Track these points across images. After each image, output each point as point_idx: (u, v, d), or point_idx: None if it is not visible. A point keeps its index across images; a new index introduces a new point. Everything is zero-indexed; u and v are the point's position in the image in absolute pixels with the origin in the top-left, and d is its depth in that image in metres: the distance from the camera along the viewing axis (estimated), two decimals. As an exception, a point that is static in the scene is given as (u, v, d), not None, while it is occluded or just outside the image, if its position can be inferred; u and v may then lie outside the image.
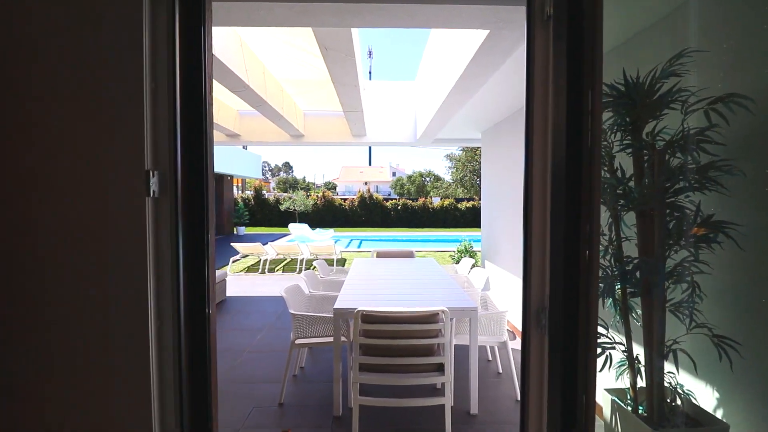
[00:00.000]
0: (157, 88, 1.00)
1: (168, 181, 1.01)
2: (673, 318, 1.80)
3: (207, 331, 1.17)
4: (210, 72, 1.22)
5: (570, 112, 0.96)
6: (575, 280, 0.92)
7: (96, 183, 0.97)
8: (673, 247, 1.77)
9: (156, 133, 1.01)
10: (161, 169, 1.01)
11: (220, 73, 3.74)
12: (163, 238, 1.00)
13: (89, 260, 0.98)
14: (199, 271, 1.14)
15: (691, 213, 1.74)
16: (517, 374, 3.28)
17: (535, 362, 1.00)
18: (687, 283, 1.76)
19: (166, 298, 1.00)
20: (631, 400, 1.95)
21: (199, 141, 1.13)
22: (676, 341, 1.79)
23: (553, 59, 0.99)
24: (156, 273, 0.99)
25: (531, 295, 1.01)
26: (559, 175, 0.95)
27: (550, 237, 0.95)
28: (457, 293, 3.23)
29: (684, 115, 1.73)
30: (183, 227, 1.05)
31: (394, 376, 2.60)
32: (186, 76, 1.07)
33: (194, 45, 1.07)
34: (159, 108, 1.00)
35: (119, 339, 0.98)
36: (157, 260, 0.99)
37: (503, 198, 5.53)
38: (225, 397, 3.16)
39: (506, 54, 2.87)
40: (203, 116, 1.12)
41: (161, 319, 0.99)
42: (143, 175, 0.98)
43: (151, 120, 0.99)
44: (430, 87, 5.44)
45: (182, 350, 1.00)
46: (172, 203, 1.00)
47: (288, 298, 3.26)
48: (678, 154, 1.79)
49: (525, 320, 1.03)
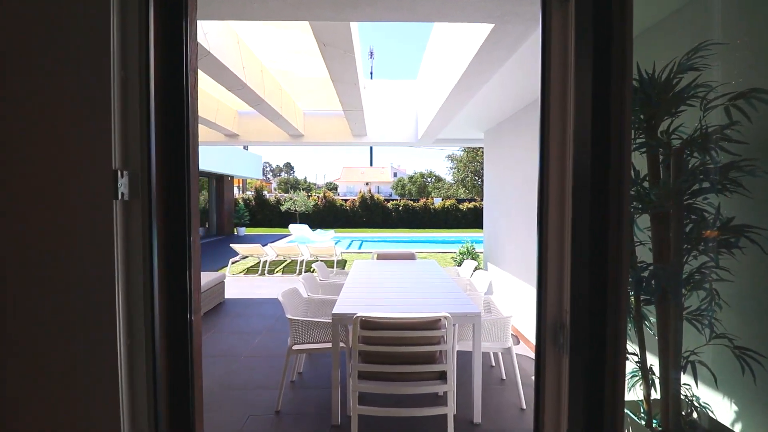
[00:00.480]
0: (127, 78, 0.88)
1: (141, 182, 0.90)
2: (689, 327, 1.70)
3: (189, 339, 1.07)
4: (194, 63, 1.12)
5: (596, 104, 0.86)
6: (602, 295, 0.82)
7: (55, 185, 0.84)
8: (692, 252, 1.66)
9: (126, 129, 0.89)
10: (132, 168, 0.89)
11: (217, 70, 3.65)
12: (135, 244, 0.89)
13: (46, 272, 0.87)
14: (181, 277, 1.04)
15: (710, 216, 1.64)
16: (522, 381, 3.17)
17: (552, 386, 0.89)
18: (705, 290, 1.66)
19: (137, 308, 0.89)
20: (644, 413, 1.84)
21: (180, 138, 1.03)
22: (694, 352, 1.69)
23: (575, 43, 0.88)
24: (126, 283, 0.87)
25: (546, 310, 0.90)
26: (582, 176, 0.85)
27: (572, 247, 0.85)
28: (460, 298, 3.13)
29: (703, 112, 1.62)
30: (160, 232, 0.94)
31: (395, 384, 2.50)
32: (165, 66, 0.96)
33: (174, 32, 0.97)
34: (130, 100, 0.88)
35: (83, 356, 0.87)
36: (127, 269, 0.88)
37: (507, 199, 5.42)
38: (220, 404, 3.07)
39: (511, 50, 2.76)
40: (184, 110, 1.02)
41: (132, 334, 0.89)
42: (110, 176, 0.86)
43: (120, 113, 0.88)
44: (432, 86, 5.34)
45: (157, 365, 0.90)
46: (146, 206, 0.89)
47: (285, 303, 3.17)
48: (695, 153, 1.69)
49: (539, 337, 0.92)
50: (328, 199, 24.31)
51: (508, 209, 5.34)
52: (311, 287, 4.05)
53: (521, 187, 4.83)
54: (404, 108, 7.35)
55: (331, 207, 24.10)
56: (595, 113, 0.85)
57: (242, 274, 8.80)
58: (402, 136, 7.43)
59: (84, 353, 0.86)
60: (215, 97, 6.36)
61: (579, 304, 0.83)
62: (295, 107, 6.81)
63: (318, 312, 3.65)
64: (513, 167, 5.15)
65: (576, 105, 0.88)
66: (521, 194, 4.83)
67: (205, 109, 6.03)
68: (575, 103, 0.88)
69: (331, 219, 23.79)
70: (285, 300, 3.19)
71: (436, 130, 6.20)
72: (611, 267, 0.81)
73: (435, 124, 5.73)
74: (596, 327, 0.81)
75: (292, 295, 3.39)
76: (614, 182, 0.84)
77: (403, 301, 3.15)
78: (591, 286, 0.82)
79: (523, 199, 4.77)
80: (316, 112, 7.58)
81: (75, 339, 0.85)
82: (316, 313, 3.65)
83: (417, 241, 17.29)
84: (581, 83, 0.88)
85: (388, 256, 5.62)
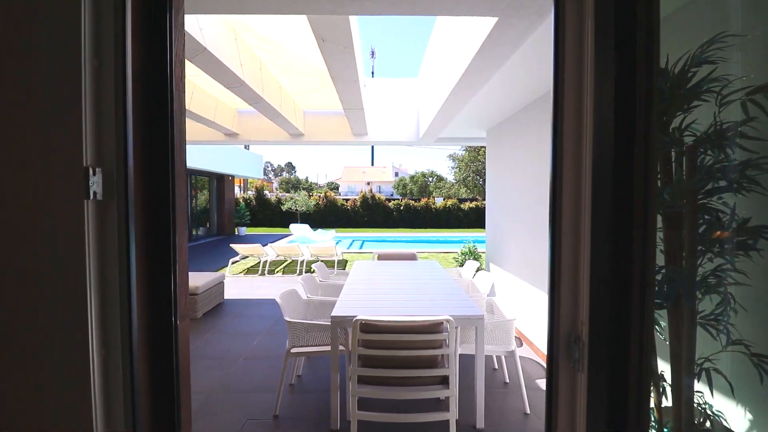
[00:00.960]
0: (101, 67, 0.81)
1: (117, 180, 0.83)
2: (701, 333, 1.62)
3: (175, 348, 1.00)
4: (180, 53, 1.05)
5: (619, 99, 0.78)
6: (626, 307, 0.74)
7: (18, 184, 0.76)
8: (706, 255, 1.59)
9: (100, 122, 0.80)
10: (107, 166, 0.81)
11: (213, 67, 3.58)
12: (110, 248, 0.82)
13: (9, 280, 0.79)
14: (165, 282, 0.97)
15: (725, 217, 1.56)
16: (526, 384, 3.10)
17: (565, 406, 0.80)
18: (720, 294, 1.58)
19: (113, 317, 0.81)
20: (655, 421, 1.77)
21: (163, 133, 0.96)
22: (708, 359, 1.61)
23: (594, 34, 0.80)
24: (100, 290, 0.79)
25: (560, 321, 0.82)
26: (603, 176, 0.77)
27: (591, 253, 0.77)
28: (462, 300, 3.05)
29: (719, 107, 1.54)
30: (140, 234, 0.87)
31: (396, 389, 2.43)
32: (146, 55, 0.89)
33: (156, 19, 0.90)
34: (105, 91, 0.81)
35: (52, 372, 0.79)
36: (101, 276, 0.80)
37: (509, 198, 5.34)
38: (218, 407, 3.00)
39: (514, 45, 2.69)
40: (168, 103, 0.95)
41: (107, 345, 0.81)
42: (80, 174, 0.78)
43: (93, 105, 0.80)
44: (433, 84, 5.26)
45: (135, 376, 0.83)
46: (122, 206, 0.82)
47: (283, 304, 3.10)
48: (710, 151, 1.61)
49: (551, 351, 0.84)
50: (329, 198, 24.26)
51: (511, 209, 5.26)
52: (311, 288, 3.98)
53: (524, 186, 4.75)
54: (405, 106, 7.28)
55: (332, 207, 24.05)
56: (617, 109, 0.77)
57: (242, 274, 8.75)
58: (403, 134, 7.35)
59: (53, 368, 0.78)
60: (214, 96, 6.29)
61: (599, 317, 0.76)
62: (295, 105, 6.74)
63: (317, 314, 3.58)
64: (515, 166, 5.07)
65: (595, 100, 0.80)
66: (524, 193, 4.75)
67: (204, 108, 5.97)
68: (594, 98, 0.80)
69: (332, 219, 23.74)
70: (283, 302, 3.12)
71: (437, 129, 6.12)
72: (636, 276, 0.73)
73: (436, 123, 5.65)
74: (619, 342, 0.74)
75: (291, 296, 3.32)
76: (639, 181, 0.76)
77: (404, 302, 3.08)
78: (613, 296, 0.74)
79: (526, 198, 4.70)
80: (316, 111, 7.51)
81: (43, 354, 0.78)
82: (316, 315, 3.58)
83: (418, 241, 17.22)
84: (602, 77, 0.80)
85: (389, 257, 5.54)
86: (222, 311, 5.68)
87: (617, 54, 0.80)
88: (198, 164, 13.43)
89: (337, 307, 2.81)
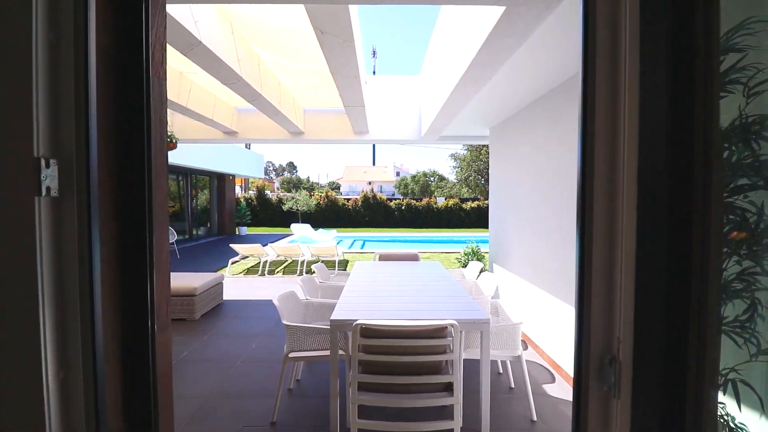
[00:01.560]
0: (59, 42, 0.69)
1: (76, 174, 0.71)
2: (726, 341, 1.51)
3: (152, 364, 0.89)
4: (161, 37, 0.94)
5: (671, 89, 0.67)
6: (683, 324, 0.63)
7: None
8: (732, 257, 1.47)
9: (56, 107, 0.69)
10: (63, 156, 0.70)
11: (209, 62, 3.48)
12: (68, 252, 0.71)
13: None
14: (140, 289, 0.87)
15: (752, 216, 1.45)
16: (532, 390, 2.99)
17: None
18: (747, 299, 1.47)
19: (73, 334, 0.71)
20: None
21: (139, 122, 0.85)
22: (734, 369, 1.50)
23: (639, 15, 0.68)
24: (55, 302, 0.68)
25: (590, 338, 0.71)
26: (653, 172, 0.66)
27: (636, 262, 0.66)
28: (467, 302, 2.94)
29: (746, 98, 1.43)
30: (108, 235, 0.77)
31: (397, 396, 2.33)
32: (115, 32, 0.79)
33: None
34: (63, 71, 0.70)
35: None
36: (56, 285, 0.68)
37: (514, 198, 5.22)
38: (212, 414, 2.90)
39: (522, 37, 2.57)
40: (144, 90, 0.84)
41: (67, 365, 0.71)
42: (29, 166, 0.66)
43: (47, 86, 0.68)
44: (436, 80, 5.14)
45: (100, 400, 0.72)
46: (83, 204, 0.71)
47: (281, 307, 2.99)
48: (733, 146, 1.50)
49: (579, 373, 0.73)
50: (330, 198, 24.16)
51: (515, 208, 5.14)
52: (310, 290, 3.87)
53: (529, 186, 4.63)
54: (407, 104, 7.16)
55: (333, 206, 23.95)
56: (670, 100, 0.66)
57: (242, 274, 8.65)
58: (405, 133, 7.24)
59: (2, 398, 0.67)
60: (212, 93, 6.19)
61: (644, 335, 0.65)
62: (295, 103, 6.63)
63: (317, 317, 3.48)
64: (520, 164, 4.95)
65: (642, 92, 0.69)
66: (529, 192, 4.63)
67: (202, 105, 5.86)
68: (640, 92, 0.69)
69: (334, 218, 23.65)
70: (281, 304, 3.02)
71: (440, 127, 6.00)
72: (695, 289, 0.63)
73: (439, 121, 5.53)
74: (671, 366, 0.63)
75: (289, 299, 3.22)
76: (699, 179, 0.66)
77: (406, 305, 2.97)
78: (665, 311, 0.64)
79: (531, 197, 4.58)
80: (316, 109, 7.40)
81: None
82: (315, 317, 3.47)
83: (420, 240, 17.10)
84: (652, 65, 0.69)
85: (391, 257, 5.43)
86: (221, 312, 5.59)
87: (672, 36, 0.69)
88: (198, 163, 13.34)
89: (337, 311, 2.71)
